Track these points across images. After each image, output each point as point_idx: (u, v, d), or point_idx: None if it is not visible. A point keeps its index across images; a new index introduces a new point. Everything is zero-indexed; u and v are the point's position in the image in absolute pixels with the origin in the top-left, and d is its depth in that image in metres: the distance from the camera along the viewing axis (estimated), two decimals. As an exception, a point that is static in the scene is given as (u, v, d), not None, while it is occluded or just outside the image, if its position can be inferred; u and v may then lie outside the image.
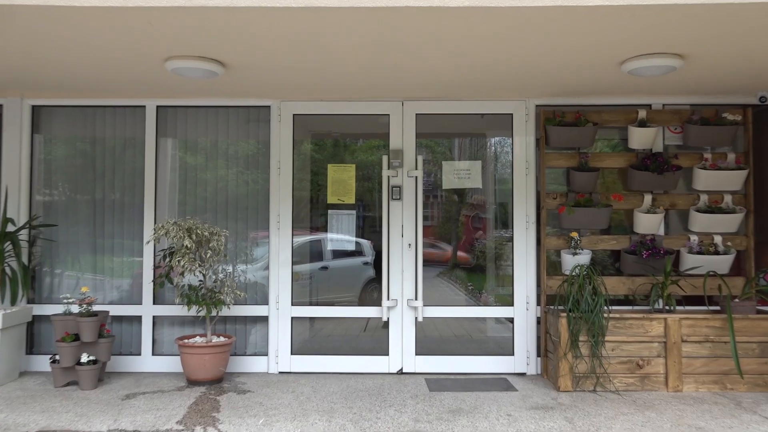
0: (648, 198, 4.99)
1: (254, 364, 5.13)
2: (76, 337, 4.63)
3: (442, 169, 5.28)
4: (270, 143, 5.20)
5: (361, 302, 5.45)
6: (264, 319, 5.17)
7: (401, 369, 5.08)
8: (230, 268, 5.22)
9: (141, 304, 5.16)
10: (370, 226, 5.38)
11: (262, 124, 5.28)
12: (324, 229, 5.36)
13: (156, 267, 5.13)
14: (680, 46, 3.73)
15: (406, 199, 5.13)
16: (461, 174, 5.25)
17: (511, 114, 5.17)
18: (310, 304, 5.30)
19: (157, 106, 5.24)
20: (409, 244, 5.11)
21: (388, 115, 5.20)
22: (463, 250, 5.41)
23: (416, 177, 5.12)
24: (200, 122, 5.32)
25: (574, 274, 4.71)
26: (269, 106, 5.22)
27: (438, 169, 5.32)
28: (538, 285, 5.08)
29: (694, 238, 4.98)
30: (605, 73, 4.34)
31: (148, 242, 5.11)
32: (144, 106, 5.25)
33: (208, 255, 4.65)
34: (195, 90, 4.91)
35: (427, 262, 5.28)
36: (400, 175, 5.14)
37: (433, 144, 5.55)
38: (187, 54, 3.94)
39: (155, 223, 5.16)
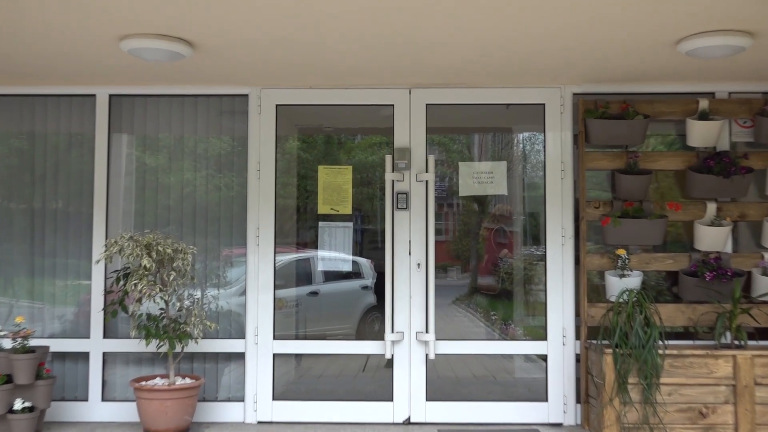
0: (712, 207, 4.97)
1: (227, 412, 5.10)
2: (9, 379, 4.59)
3: (458, 172, 5.28)
4: (248, 140, 5.20)
5: (360, 335, 5.44)
6: (240, 356, 5.15)
7: (408, 418, 5.05)
8: (198, 294, 5.21)
9: (89, 338, 5.14)
10: (370, 241, 5.39)
11: (238, 116, 5.29)
12: (314, 245, 5.36)
13: (107, 292, 5.10)
14: (749, 21, 3.72)
15: (414, 208, 5.12)
16: (482, 178, 5.24)
17: (543, 104, 5.17)
18: (297, 337, 5.30)
19: (110, 95, 5.25)
20: (419, 264, 5.10)
21: (393, 105, 5.19)
22: (485, 271, 5.40)
23: (427, 181, 5.11)
24: (162, 115, 5.32)
25: (621, 300, 4.68)
26: (247, 95, 5.23)
27: (454, 172, 5.33)
28: (577, 314, 5.05)
29: (768, 256, 4.96)
30: (658, 53, 4.34)
31: (97, 262, 5.08)
32: (94, 95, 5.25)
33: (172, 277, 4.64)
34: (156, 76, 4.91)
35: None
36: (407, 179, 5.14)
37: (448, 141, 5.57)
38: (147, 32, 3.94)
39: (107, 238, 5.14)
